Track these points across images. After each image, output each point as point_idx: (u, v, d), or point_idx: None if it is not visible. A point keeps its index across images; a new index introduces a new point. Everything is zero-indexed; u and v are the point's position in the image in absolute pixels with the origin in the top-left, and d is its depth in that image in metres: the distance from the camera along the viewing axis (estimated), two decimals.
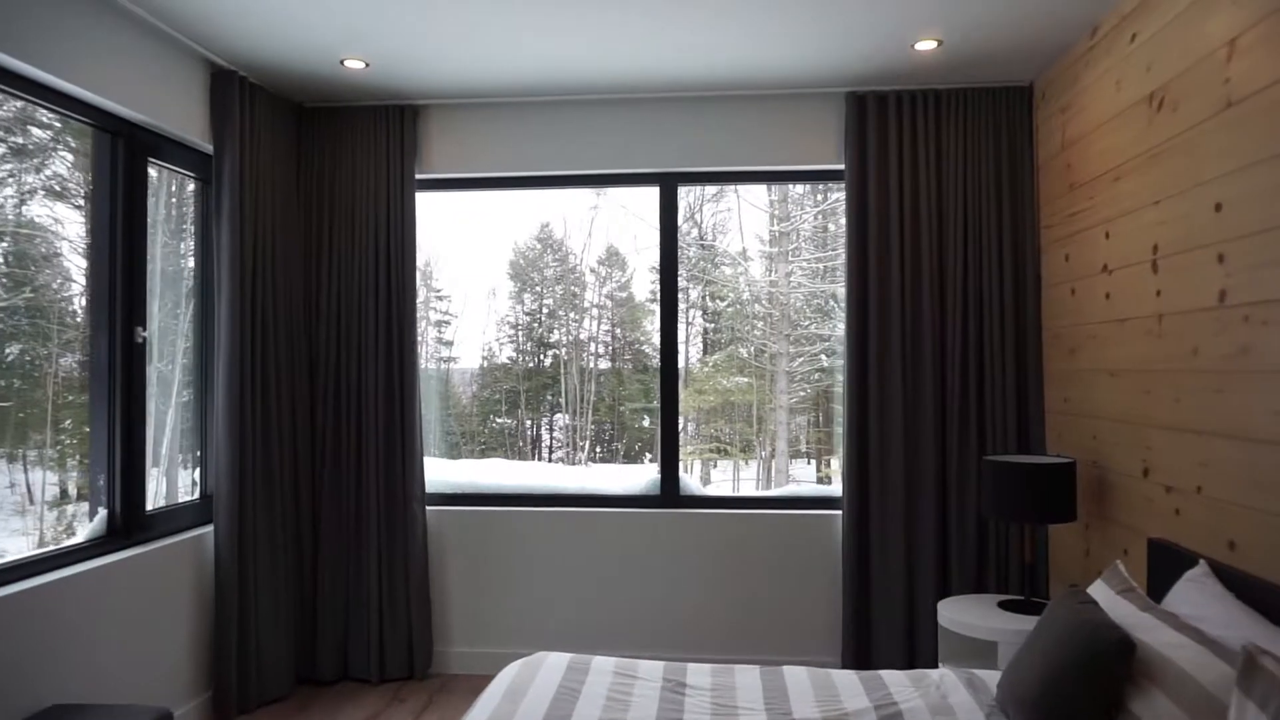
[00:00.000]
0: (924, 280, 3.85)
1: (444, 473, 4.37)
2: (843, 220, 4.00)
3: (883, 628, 3.81)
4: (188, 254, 3.83)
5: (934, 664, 3.72)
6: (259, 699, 3.69)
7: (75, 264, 3.34)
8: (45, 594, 2.72)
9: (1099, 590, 2.44)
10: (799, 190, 8.08)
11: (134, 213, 3.24)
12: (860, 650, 3.84)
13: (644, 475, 4.23)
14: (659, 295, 4.20)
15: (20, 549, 3.08)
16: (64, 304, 3.33)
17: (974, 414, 3.80)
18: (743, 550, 4.06)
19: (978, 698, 2.41)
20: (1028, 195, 3.82)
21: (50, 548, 2.91)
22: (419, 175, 4.18)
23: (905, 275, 3.86)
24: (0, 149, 3.04)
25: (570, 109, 4.13)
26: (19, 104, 2.93)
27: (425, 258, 7.67)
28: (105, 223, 3.18)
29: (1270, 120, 2.19)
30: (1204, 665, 1.91)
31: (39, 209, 3.17)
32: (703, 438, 8.19)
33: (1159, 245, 2.77)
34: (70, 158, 3.34)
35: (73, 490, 3.43)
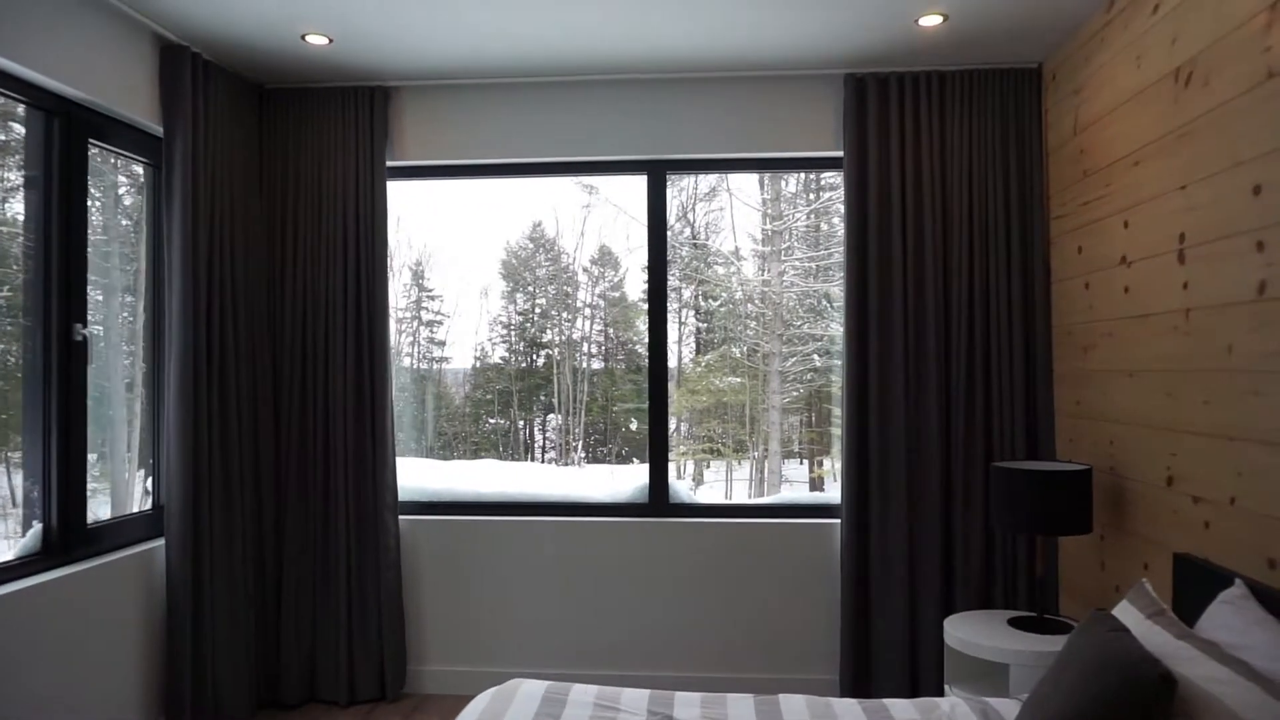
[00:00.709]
0: (927, 275, 3.62)
1: (429, 476, 4.14)
2: (836, 220, 3.78)
3: (884, 645, 3.58)
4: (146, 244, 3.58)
5: (939, 686, 3.49)
6: None
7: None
8: None
9: (1126, 613, 2.21)
10: (792, 189, 7.91)
11: (73, 198, 2.99)
12: (860, 669, 3.61)
13: (634, 479, 4.00)
14: (647, 291, 3.96)
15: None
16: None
17: (980, 417, 3.57)
18: (736, 562, 3.83)
19: None
20: (1037, 184, 3.59)
21: None
22: (390, 163, 3.93)
23: (907, 269, 3.63)
24: None
25: (551, 92, 3.89)
26: None
27: (416, 256, 7.44)
28: (41, 209, 2.93)
29: None
30: (1254, 705, 1.69)
31: (19, 205, 3.03)
32: (695, 438, 8.06)
33: (1186, 234, 2.54)
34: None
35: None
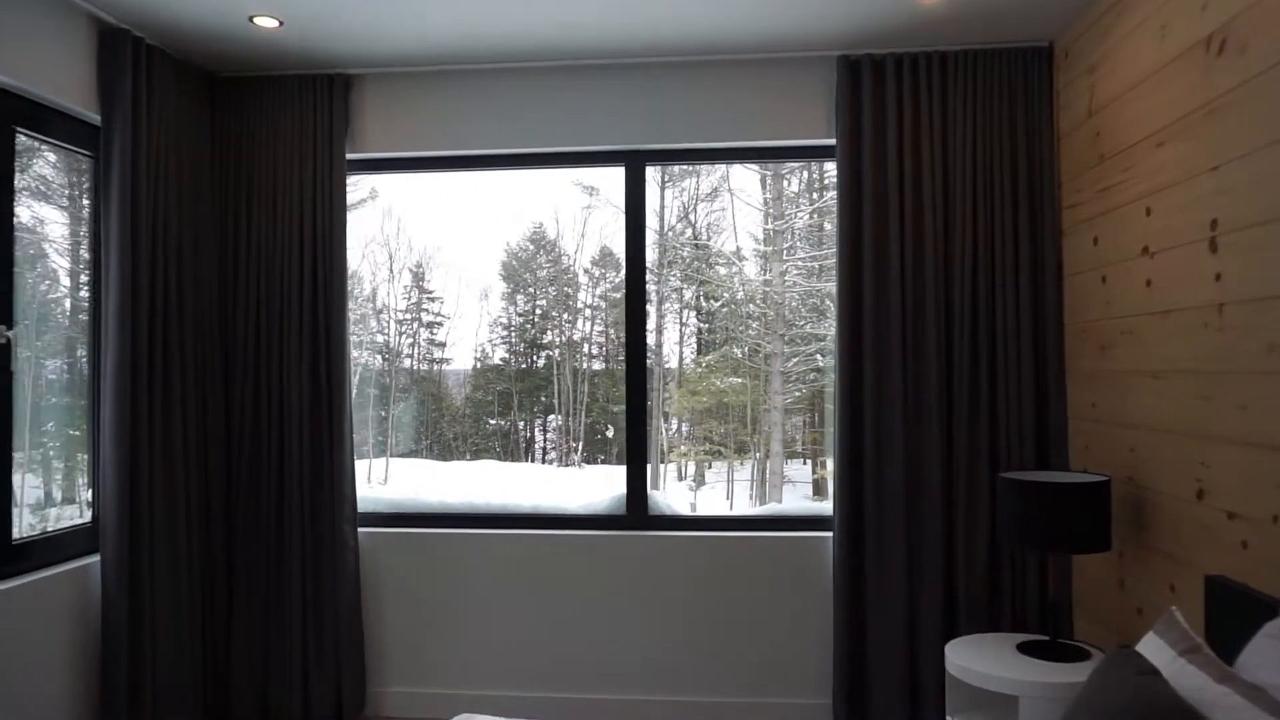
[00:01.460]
0: (927, 270, 3.34)
1: (426, 478, 3.89)
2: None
3: (880, 669, 3.30)
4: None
5: (941, 712, 3.21)
6: None
7: (61, 265, 3.32)
8: None
9: (1155, 648, 1.93)
10: (794, 188, 7.70)
11: None
12: (854, 695, 3.34)
13: (618, 487, 3.73)
14: (624, 286, 3.70)
15: None
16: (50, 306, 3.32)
17: (985, 423, 3.30)
18: (720, 578, 3.55)
19: None
20: (1048, 171, 3.32)
21: None
22: (351, 155, 3.67)
23: (906, 264, 3.36)
24: None
25: (523, 78, 3.62)
26: None
27: (417, 258, 7.35)
28: None
29: None
30: None
31: (23, 211, 3.00)
32: (696, 439, 7.91)
33: (1219, 220, 2.27)
34: (53, 157, 3.24)
35: (57, 494, 3.40)
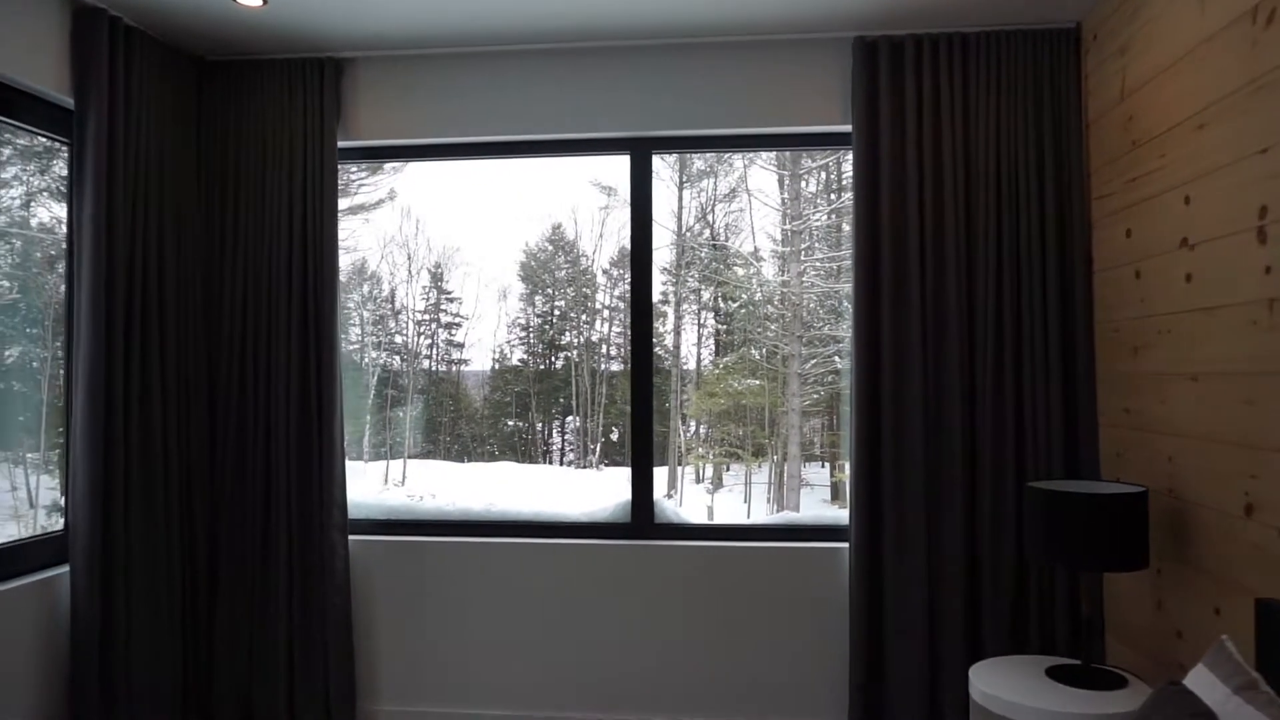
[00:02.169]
0: (948, 267, 3.14)
1: (443, 480, 3.75)
2: None
3: (899, 691, 3.09)
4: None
5: None
6: None
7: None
8: None
9: (1205, 684, 1.73)
10: (812, 188, 7.54)
11: None
12: (871, 718, 3.13)
13: (618, 495, 3.55)
14: (629, 282, 3.52)
15: None
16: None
17: (1011, 429, 3.09)
18: (729, 591, 3.36)
19: None
20: (1076, 160, 3.11)
21: None
22: (344, 143, 3.51)
23: (926, 260, 3.16)
24: (7, 151, 3.10)
25: (523, 61, 3.45)
26: None
27: (435, 259, 7.34)
28: None
29: None
30: None
31: (42, 211, 3.12)
32: (713, 441, 7.79)
33: (1269, 206, 2.07)
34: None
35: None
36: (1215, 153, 2.30)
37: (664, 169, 6.97)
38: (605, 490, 3.60)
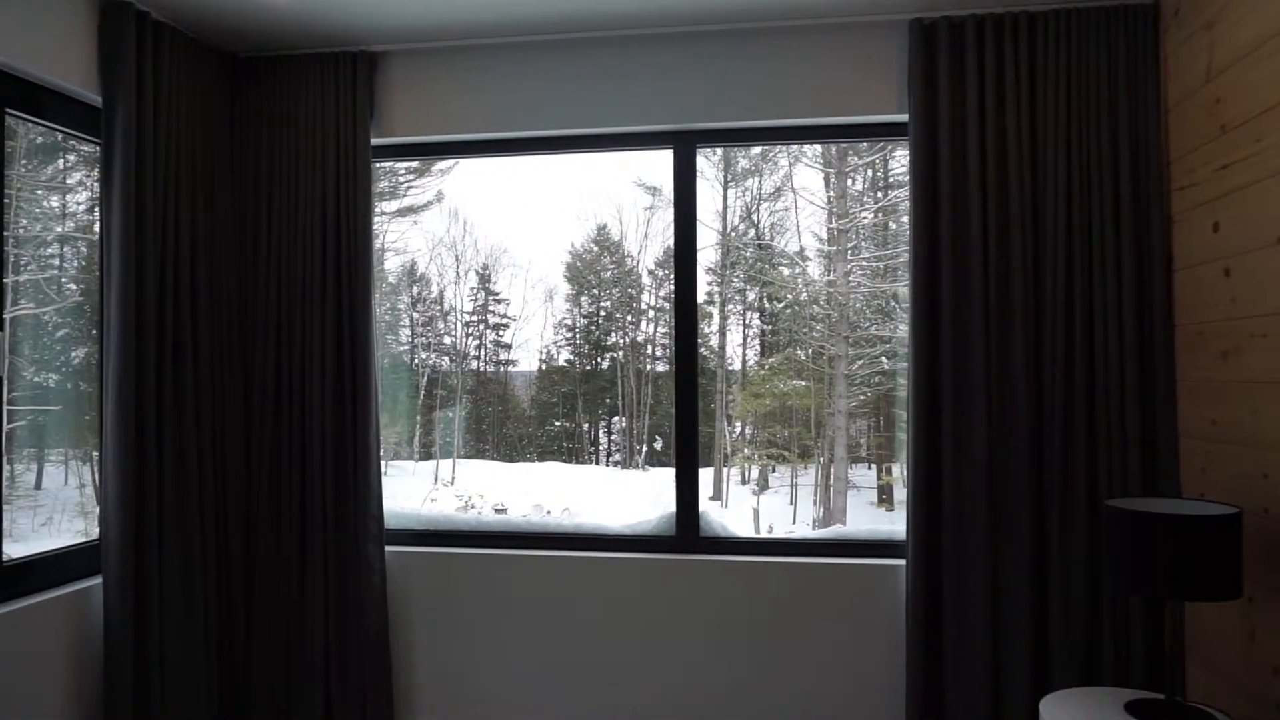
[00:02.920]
0: (1014, 265, 2.93)
1: (487, 481, 3.66)
2: (905, 217, 3.10)
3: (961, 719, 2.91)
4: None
5: None
6: None
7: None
8: None
9: None
10: (859, 186, 7.35)
11: None
12: None
13: (662, 503, 3.41)
14: (673, 281, 3.37)
15: None
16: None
17: (1083, 440, 2.87)
18: (777, 610, 3.19)
19: None
20: (1154, 148, 2.88)
21: None
22: (377, 140, 3.41)
23: (989, 260, 2.95)
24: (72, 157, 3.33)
25: (560, 52, 3.31)
26: None
27: (483, 260, 7.38)
28: None
29: None
30: None
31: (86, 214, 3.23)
32: (759, 443, 7.68)
33: None
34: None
35: None
36: None
37: (708, 168, 6.90)
38: (650, 492, 3.49)
